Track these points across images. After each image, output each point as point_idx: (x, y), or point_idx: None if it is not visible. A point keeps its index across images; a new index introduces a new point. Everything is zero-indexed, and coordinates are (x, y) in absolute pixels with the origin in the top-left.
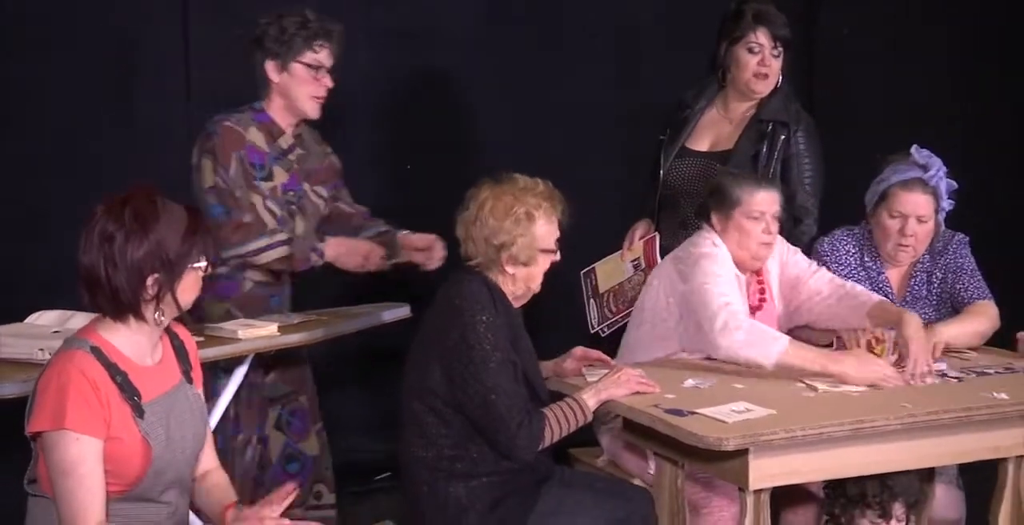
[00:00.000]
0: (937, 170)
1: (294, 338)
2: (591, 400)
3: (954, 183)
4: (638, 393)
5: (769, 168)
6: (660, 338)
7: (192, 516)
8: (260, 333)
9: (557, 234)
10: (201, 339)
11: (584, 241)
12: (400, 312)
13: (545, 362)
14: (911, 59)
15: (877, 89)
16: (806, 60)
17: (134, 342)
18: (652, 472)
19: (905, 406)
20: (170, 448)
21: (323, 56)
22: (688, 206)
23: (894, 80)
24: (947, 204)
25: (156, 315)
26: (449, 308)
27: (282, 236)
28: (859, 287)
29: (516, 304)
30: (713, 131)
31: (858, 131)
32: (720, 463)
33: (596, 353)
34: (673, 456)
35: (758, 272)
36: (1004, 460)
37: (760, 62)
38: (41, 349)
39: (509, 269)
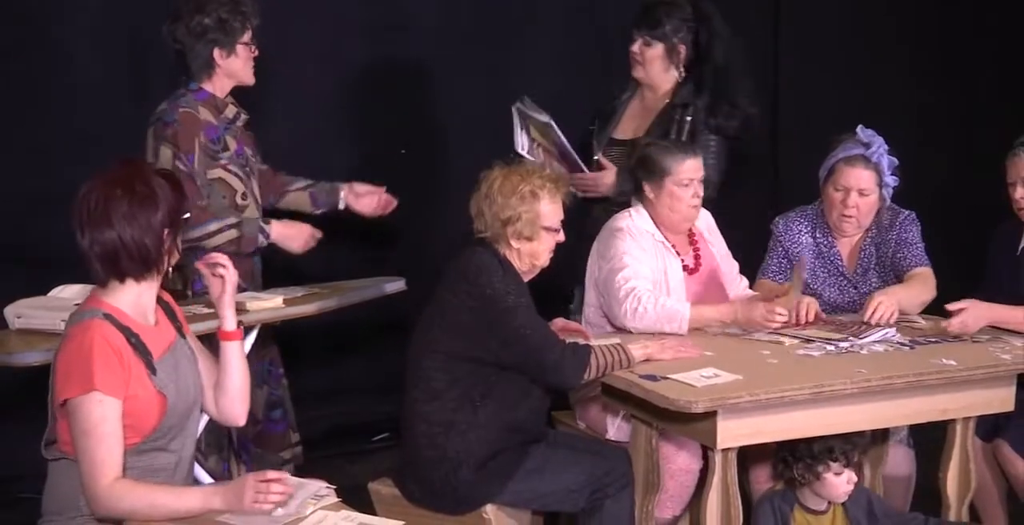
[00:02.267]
0: (878, 147)
1: (299, 310)
2: (636, 352)
3: (895, 160)
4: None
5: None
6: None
7: (197, 467)
8: (267, 305)
9: (561, 215)
10: (211, 311)
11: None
12: (398, 285)
13: (557, 319)
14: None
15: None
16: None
17: (137, 306)
18: (613, 430)
19: (861, 371)
20: (180, 399)
21: (252, 31)
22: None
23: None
24: (891, 180)
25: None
26: (464, 275)
27: (232, 219)
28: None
29: (523, 279)
30: (635, 121)
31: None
32: (690, 424)
33: (574, 324)
34: (647, 418)
35: (691, 236)
36: (952, 421)
37: (631, 51)
38: (63, 320)
39: (514, 243)
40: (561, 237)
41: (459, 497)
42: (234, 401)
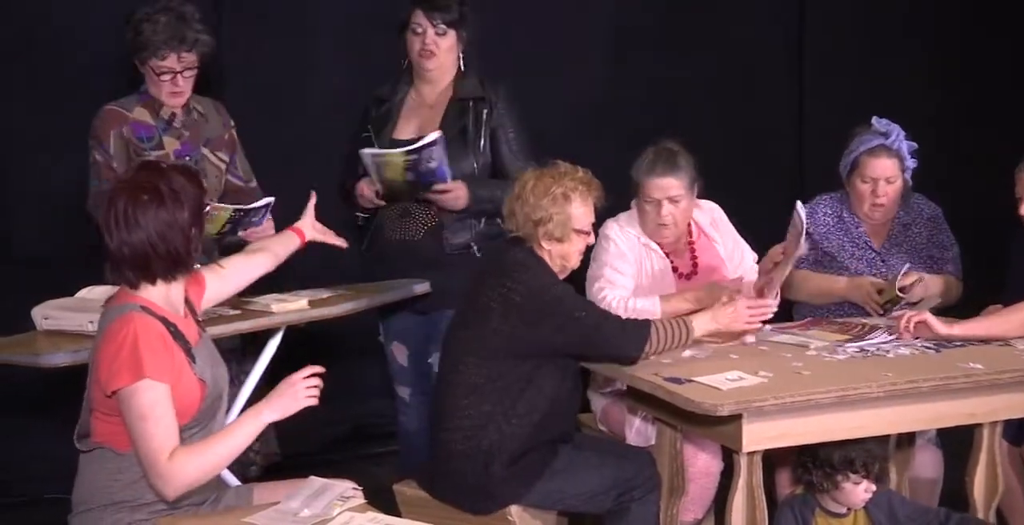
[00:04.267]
0: (897, 135)
1: (324, 311)
2: (700, 328)
3: (914, 144)
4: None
5: (478, 142)
6: None
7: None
8: (292, 307)
9: (592, 218)
10: (237, 312)
11: None
12: (425, 286)
13: None
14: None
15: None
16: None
17: (167, 300)
18: (632, 434)
19: (887, 375)
20: (215, 387)
21: (160, 58)
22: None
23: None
24: (911, 163)
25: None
26: (505, 272)
27: None
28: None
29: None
30: (416, 118)
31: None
32: (715, 427)
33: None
34: (672, 421)
35: (689, 238)
36: (980, 425)
37: (423, 42)
38: (91, 321)
39: (545, 244)
40: (592, 239)
41: (489, 493)
42: (229, 278)
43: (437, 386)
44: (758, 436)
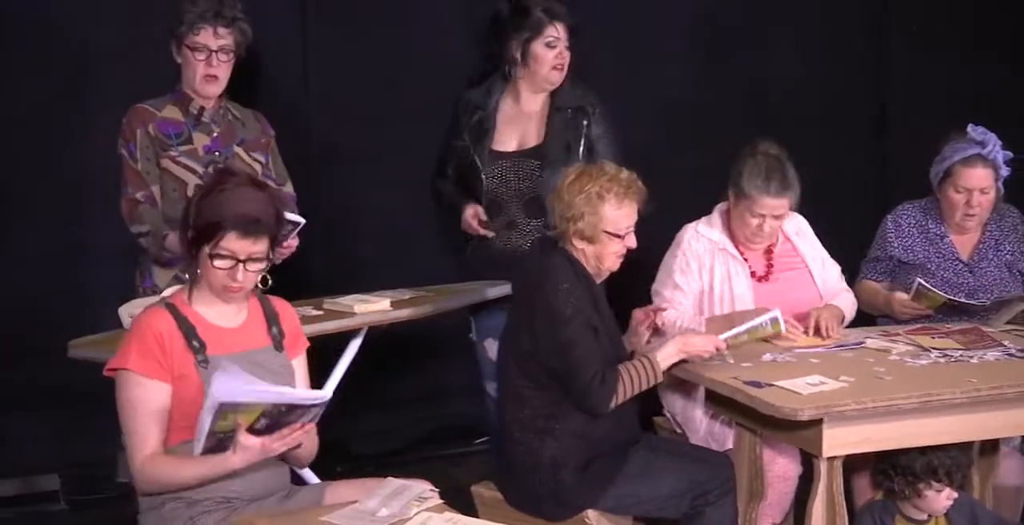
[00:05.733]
0: (993, 145)
1: (405, 312)
2: (666, 361)
3: (1009, 153)
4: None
5: (578, 153)
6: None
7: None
8: (374, 308)
9: (628, 222)
10: (320, 313)
11: None
12: (503, 289)
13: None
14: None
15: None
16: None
17: (217, 305)
18: (702, 435)
19: (971, 381)
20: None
21: (199, 35)
22: (515, 208)
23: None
24: (1005, 171)
25: None
26: (534, 278)
27: (143, 228)
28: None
29: (595, 280)
30: (515, 129)
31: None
32: (795, 432)
33: (650, 307)
34: (751, 425)
35: (770, 247)
36: None
37: (557, 55)
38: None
39: (576, 243)
40: (631, 243)
41: (561, 501)
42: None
43: (498, 394)
44: (838, 441)
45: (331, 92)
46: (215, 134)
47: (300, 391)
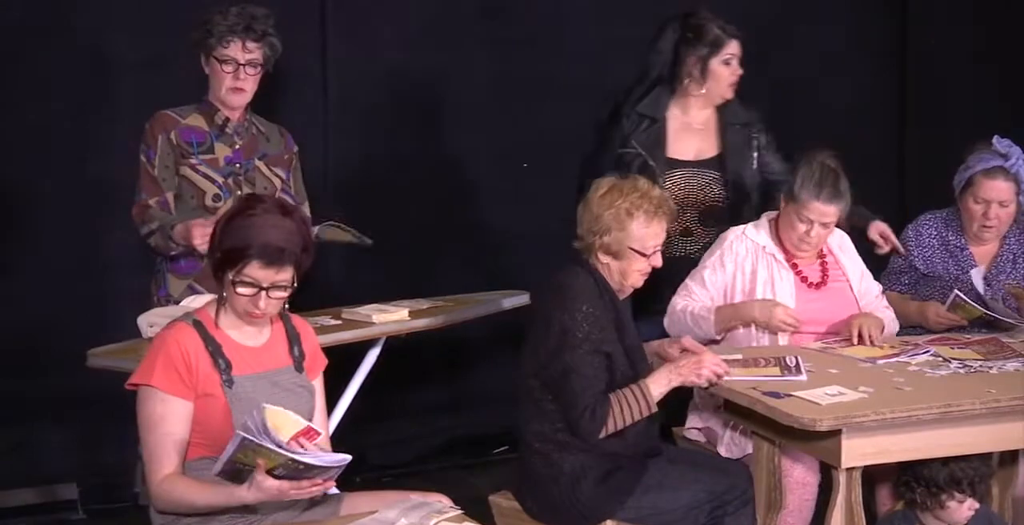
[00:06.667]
0: (1017, 159)
1: (423, 322)
2: (657, 389)
3: None
4: (710, 382)
5: (752, 164)
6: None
7: None
8: (392, 317)
9: (656, 240)
10: (339, 322)
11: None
12: (519, 299)
13: (654, 341)
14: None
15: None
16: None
17: (240, 324)
18: (723, 447)
19: (990, 391)
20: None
21: (228, 48)
22: (691, 215)
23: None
24: None
25: None
26: (557, 294)
27: (153, 225)
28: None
29: (619, 296)
30: (690, 139)
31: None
32: (814, 443)
33: (701, 347)
34: (770, 435)
35: (823, 254)
36: None
37: (733, 72)
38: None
39: (602, 257)
40: (657, 262)
41: (580, 512)
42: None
43: (515, 403)
44: (857, 452)
45: (349, 105)
46: (237, 146)
47: (322, 454)
